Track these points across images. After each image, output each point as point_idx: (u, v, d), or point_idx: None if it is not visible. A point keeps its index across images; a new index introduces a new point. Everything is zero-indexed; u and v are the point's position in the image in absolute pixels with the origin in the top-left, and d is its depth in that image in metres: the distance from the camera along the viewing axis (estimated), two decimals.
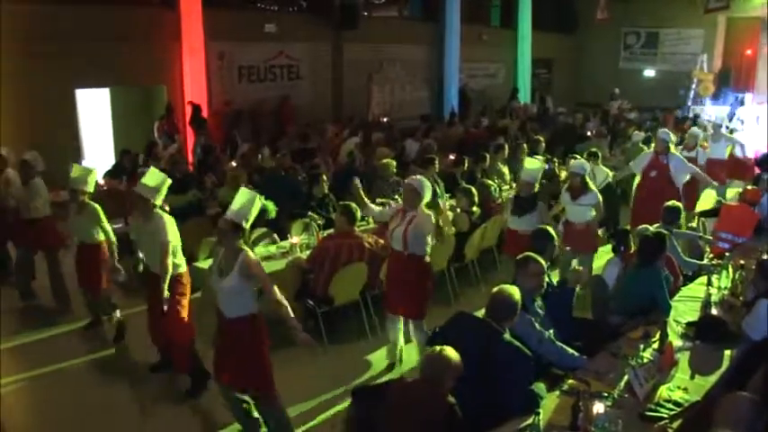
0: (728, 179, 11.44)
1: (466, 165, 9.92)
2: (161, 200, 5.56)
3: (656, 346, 4.56)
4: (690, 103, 20.88)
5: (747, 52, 21.28)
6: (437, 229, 5.77)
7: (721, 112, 18.77)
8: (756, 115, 17.59)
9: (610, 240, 6.51)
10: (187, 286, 5.64)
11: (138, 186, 5.49)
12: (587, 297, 5.83)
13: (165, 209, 6.19)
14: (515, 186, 8.06)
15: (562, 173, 10.17)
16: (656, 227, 6.17)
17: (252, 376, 4.63)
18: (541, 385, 4.14)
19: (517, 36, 21.66)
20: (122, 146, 11.51)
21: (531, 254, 4.75)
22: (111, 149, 13.13)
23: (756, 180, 8.68)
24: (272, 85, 15.29)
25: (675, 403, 3.90)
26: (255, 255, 4.63)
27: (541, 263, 4.69)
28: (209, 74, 13.78)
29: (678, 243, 6.58)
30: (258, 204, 4.62)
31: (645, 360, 4.26)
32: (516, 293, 4.16)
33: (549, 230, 5.44)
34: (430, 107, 18.94)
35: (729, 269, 5.85)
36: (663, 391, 4.05)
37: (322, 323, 6.32)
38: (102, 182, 10.01)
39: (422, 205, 5.73)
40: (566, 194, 7.44)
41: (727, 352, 4.59)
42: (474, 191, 8.04)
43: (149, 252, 5.55)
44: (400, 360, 6.18)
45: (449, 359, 3.61)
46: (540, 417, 3.64)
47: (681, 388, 4.11)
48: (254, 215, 4.61)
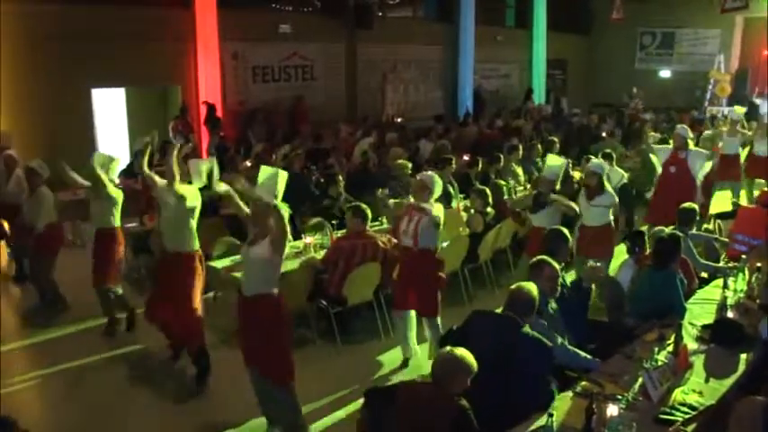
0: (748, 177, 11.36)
1: (480, 165, 9.89)
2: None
3: (670, 348, 4.53)
4: (706, 103, 20.72)
5: (765, 53, 21.08)
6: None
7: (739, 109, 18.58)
8: None
9: (624, 242, 6.47)
10: (199, 267, 5.71)
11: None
12: (601, 299, 5.81)
13: None
14: (532, 186, 8.01)
15: (576, 174, 10.11)
16: (671, 229, 6.12)
17: (269, 361, 4.67)
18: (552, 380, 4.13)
19: (532, 36, 21.60)
20: (137, 145, 11.56)
21: (545, 257, 4.74)
22: (126, 149, 13.21)
23: None
24: (286, 85, 15.34)
25: (690, 407, 3.86)
26: None
27: (556, 267, 4.67)
28: (223, 74, 13.85)
29: (694, 245, 6.53)
30: (283, 178, 4.65)
31: (659, 363, 4.23)
32: (535, 290, 4.17)
33: (563, 231, 5.42)
34: (444, 108, 18.92)
35: (745, 271, 5.80)
36: (677, 395, 4.02)
37: (335, 323, 6.33)
38: (117, 181, 10.07)
39: (431, 200, 5.74)
40: (582, 196, 7.32)
41: (743, 356, 4.55)
42: (488, 191, 8.02)
43: (170, 228, 5.61)
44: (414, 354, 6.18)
45: (460, 360, 3.58)
46: (554, 418, 3.62)
47: (696, 391, 4.08)
48: (281, 191, 4.64)
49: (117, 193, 6.58)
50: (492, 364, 3.78)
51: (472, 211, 8.06)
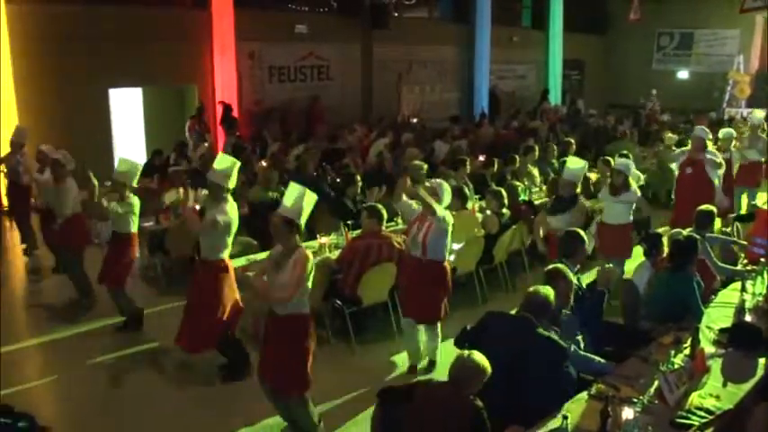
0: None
1: (496, 166, 9.86)
2: (233, 183, 5.56)
3: (687, 352, 4.49)
4: (725, 105, 20.53)
5: None
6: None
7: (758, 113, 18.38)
8: None
9: (641, 244, 6.41)
10: (231, 274, 5.71)
11: (211, 173, 5.51)
12: (618, 301, 5.78)
13: (197, 208, 6.30)
14: (548, 188, 7.97)
15: (593, 175, 10.06)
16: (688, 231, 6.07)
17: (288, 378, 4.64)
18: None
19: (548, 37, 21.53)
20: (154, 145, 11.67)
21: (559, 267, 4.69)
22: (143, 148, 13.31)
23: None
24: (302, 86, 15.39)
25: (707, 411, 3.83)
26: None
27: (570, 279, 4.64)
28: (239, 74, 13.93)
29: (712, 248, 6.47)
30: (311, 199, 4.61)
31: (676, 366, 4.20)
32: (551, 294, 4.16)
33: (580, 233, 5.39)
34: (459, 108, 18.89)
35: (764, 275, 5.73)
36: (694, 399, 3.98)
37: (350, 323, 6.33)
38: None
39: (441, 208, 5.68)
40: (605, 192, 7.32)
41: (762, 360, 4.49)
42: (503, 192, 7.99)
43: (207, 239, 5.60)
44: (423, 358, 6.15)
45: (477, 363, 3.61)
46: (569, 421, 3.61)
47: (713, 396, 4.04)
48: (308, 210, 4.60)
49: (135, 200, 6.60)
50: (505, 364, 3.78)
51: (487, 212, 8.04)
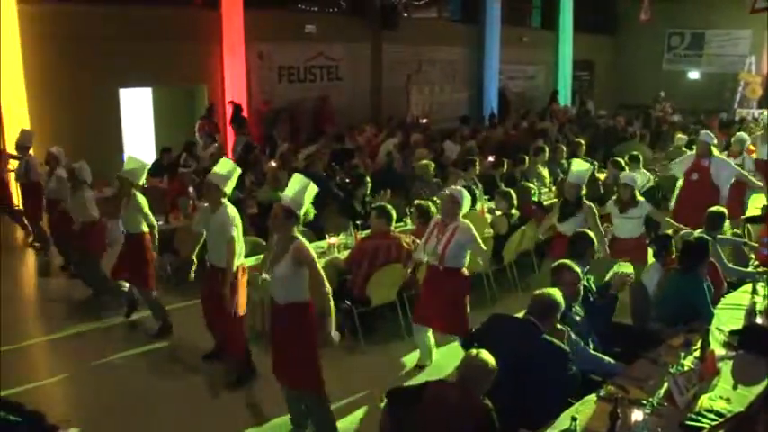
0: None
1: (505, 167, 9.85)
2: (231, 188, 5.63)
3: (697, 354, 4.47)
4: (736, 106, 20.41)
5: None
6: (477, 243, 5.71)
7: None
8: None
9: (651, 246, 6.39)
10: (244, 278, 5.73)
11: (210, 175, 5.58)
12: (627, 303, 5.76)
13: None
14: (557, 189, 7.94)
15: (601, 176, 10.05)
16: (698, 233, 6.05)
17: (301, 373, 4.66)
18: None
19: (558, 38, 21.47)
20: (164, 144, 11.70)
21: (565, 262, 4.70)
22: (152, 148, 13.36)
23: None
24: (312, 86, 15.40)
25: (717, 413, 3.81)
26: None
27: (577, 271, 4.63)
28: (249, 74, 13.94)
29: (722, 250, 6.44)
30: (312, 192, 4.65)
31: (686, 368, 4.18)
32: (557, 295, 4.14)
33: (589, 234, 5.38)
34: (469, 109, 18.87)
35: None
36: (704, 401, 3.96)
37: (359, 323, 6.34)
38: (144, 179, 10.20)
39: (461, 216, 5.69)
40: (614, 207, 7.22)
41: None
42: (513, 194, 7.98)
43: (214, 244, 5.62)
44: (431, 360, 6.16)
45: (486, 362, 3.62)
46: (578, 422, 3.60)
47: (723, 398, 4.01)
48: (309, 203, 4.65)
49: (142, 198, 6.59)
50: (510, 367, 3.77)
51: (497, 212, 8.04)
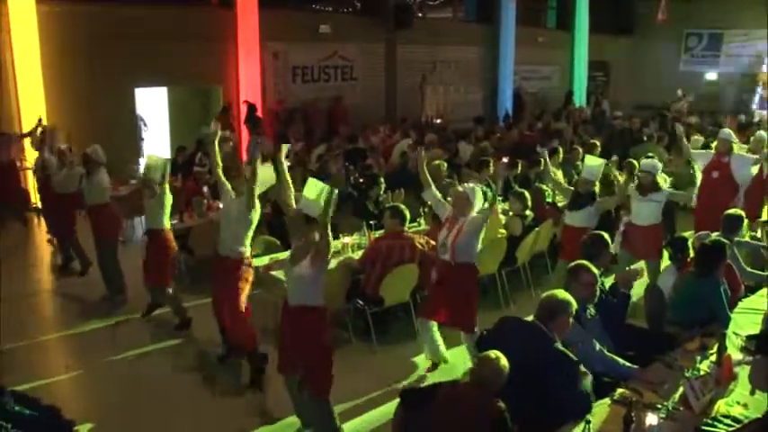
0: None
1: (519, 168, 9.81)
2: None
3: (713, 358, 4.41)
4: (754, 106, 20.20)
5: None
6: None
7: None
8: None
9: (666, 248, 6.34)
10: (251, 270, 5.78)
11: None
12: (642, 305, 5.72)
13: (220, 206, 6.34)
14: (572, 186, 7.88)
15: (620, 176, 9.95)
16: (715, 235, 5.98)
17: (309, 373, 4.66)
18: (587, 382, 4.05)
19: (573, 38, 21.36)
20: (179, 143, 11.76)
21: (583, 262, 4.66)
22: (167, 147, 13.42)
23: None
24: (326, 86, 15.43)
25: (734, 419, 3.75)
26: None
27: (594, 272, 4.59)
28: (263, 73, 13.98)
29: (739, 252, 6.37)
30: (330, 196, 4.63)
31: (702, 372, 4.12)
32: (564, 294, 4.11)
33: (604, 236, 5.33)
34: (483, 109, 18.82)
35: None
36: (721, 406, 3.91)
37: (372, 323, 6.33)
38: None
39: (472, 213, 5.71)
40: (634, 192, 7.21)
41: None
42: (527, 195, 7.95)
43: (227, 234, 5.69)
44: (445, 360, 6.14)
45: (499, 363, 3.61)
46: (591, 426, 3.57)
47: (740, 404, 3.96)
48: (327, 208, 4.62)
49: (165, 195, 6.66)
50: (521, 368, 3.74)
51: (511, 214, 8.00)
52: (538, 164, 9.85)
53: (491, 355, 3.66)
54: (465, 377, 4.43)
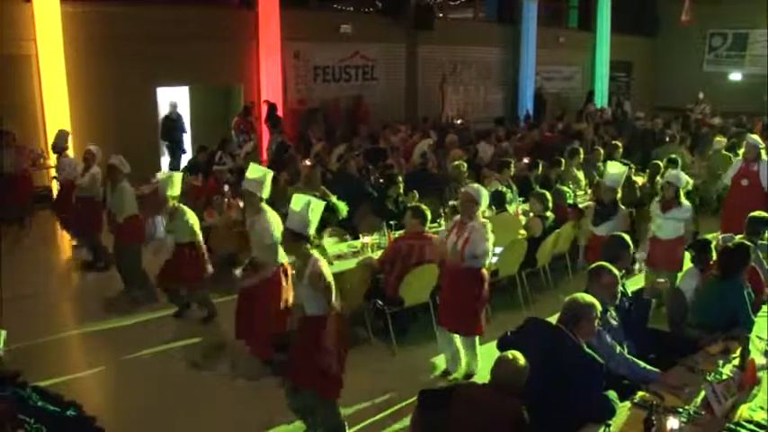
0: None
1: (540, 169, 9.77)
2: (267, 192, 5.77)
3: (736, 362, 4.37)
4: None
5: None
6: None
7: None
8: None
9: (689, 250, 6.27)
10: (282, 280, 5.79)
11: (244, 182, 5.74)
12: (664, 309, 5.66)
13: (240, 205, 6.36)
14: (593, 192, 7.84)
15: (638, 179, 9.89)
16: (739, 238, 5.91)
17: (316, 377, 4.61)
18: (613, 393, 4.03)
19: (595, 39, 21.23)
20: (200, 142, 11.84)
21: (604, 264, 4.63)
22: (188, 146, 13.52)
23: None
24: (347, 85, 15.47)
25: (758, 425, 3.71)
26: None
27: (615, 273, 4.56)
28: (284, 73, 14.05)
29: (763, 255, 6.28)
30: (317, 209, 4.54)
31: (724, 376, 4.09)
32: (588, 297, 4.08)
33: (625, 238, 5.29)
34: (504, 110, 18.76)
35: None
36: (743, 411, 3.87)
37: (391, 324, 6.34)
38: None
39: (479, 215, 5.64)
40: (656, 206, 7.13)
41: None
42: (548, 196, 7.91)
43: (255, 245, 5.77)
44: (460, 368, 6.09)
45: (519, 364, 3.61)
46: (611, 429, 3.55)
47: (764, 408, 3.91)
48: (316, 221, 4.53)
49: (184, 210, 6.65)
50: (544, 370, 3.73)
51: (531, 214, 7.97)
52: (558, 164, 9.82)
53: (508, 355, 3.66)
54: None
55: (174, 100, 13.13)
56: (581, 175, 10.02)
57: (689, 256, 6.03)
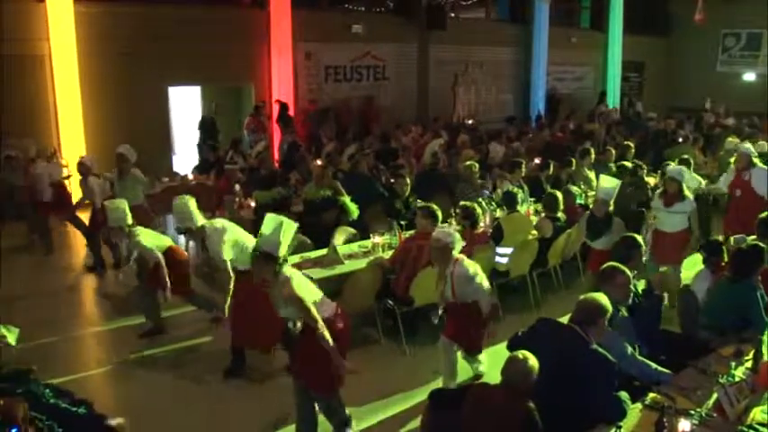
0: None
1: (551, 169, 9.73)
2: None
3: (749, 365, 4.34)
4: None
5: None
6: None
7: None
8: None
9: (700, 251, 6.23)
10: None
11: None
12: (675, 309, 5.63)
13: (252, 204, 6.33)
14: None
15: (651, 180, 9.83)
16: (752, 239, 5.87)
17: (313, 376, 4.63)
18: (625, 394, 4.01)
19: (607, 39, 21.14)
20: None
21: (616, 264, 4.61)
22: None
23: None
24: (358, 85, 15.47)
25: None
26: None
27: (627, 273, 4.54)
28: (296, 73, 14.07)
29: None
30: (289, 230, 4.48)
31: (737, 379, 4.06)
32: (603, 298, 4.06)
33: (636, 238, 5.27)
34: (516, 110, 18.72)
35: None
36: (756, 414, 3.83)
37: (401, 324, 6.33)
38: (191, 176, 10.40)
39: (455, 255, 5.35)
40: (658, 201, 7.17)
41: None
42: (559, 196, 7.88)
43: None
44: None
45: (529, 364, 3.60)
46: (622, 430, 3.53)
47: None
48: (287, 242, 4.46)
49: (142, 233, 6.45)
50: (553, 373, 3.72)
51: (542, 215, 7.94)
52: (569, 165, 9.79)
53: (519, 355, 3.65)
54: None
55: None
56: (592, 175, 9.97)
57: (700, 257, 5.99)
